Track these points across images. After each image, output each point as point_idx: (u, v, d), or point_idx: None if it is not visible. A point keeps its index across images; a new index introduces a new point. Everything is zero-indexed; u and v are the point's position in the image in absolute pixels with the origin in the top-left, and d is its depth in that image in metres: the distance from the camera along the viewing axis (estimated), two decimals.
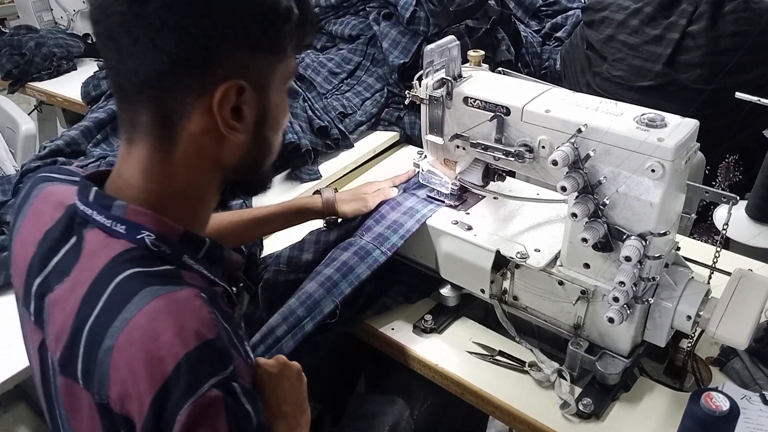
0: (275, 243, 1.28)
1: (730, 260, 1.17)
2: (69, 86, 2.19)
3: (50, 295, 0.69)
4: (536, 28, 2.23)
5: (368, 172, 1.70)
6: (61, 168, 0.83)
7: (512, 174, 1.18)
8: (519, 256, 1.01)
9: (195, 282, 0.67)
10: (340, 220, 1.20)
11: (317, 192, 1.21)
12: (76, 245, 0.70)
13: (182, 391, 0.57)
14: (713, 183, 1.71)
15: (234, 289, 0.79)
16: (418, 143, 1.79)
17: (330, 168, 1.66)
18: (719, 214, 1.28)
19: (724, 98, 1.24)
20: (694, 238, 1.50)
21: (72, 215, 0.72)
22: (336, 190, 1.21)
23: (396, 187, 1.25)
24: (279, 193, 1.54)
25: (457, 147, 1.07)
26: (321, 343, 1.10)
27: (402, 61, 1.77)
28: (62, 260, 0.70)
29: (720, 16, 1.55)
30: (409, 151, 1.77)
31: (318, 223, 1.23)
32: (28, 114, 2.02)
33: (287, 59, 0.72)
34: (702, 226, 1.70)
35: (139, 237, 0.67)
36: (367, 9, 1.94)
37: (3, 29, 2.61)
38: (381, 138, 1.80)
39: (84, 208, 0.70)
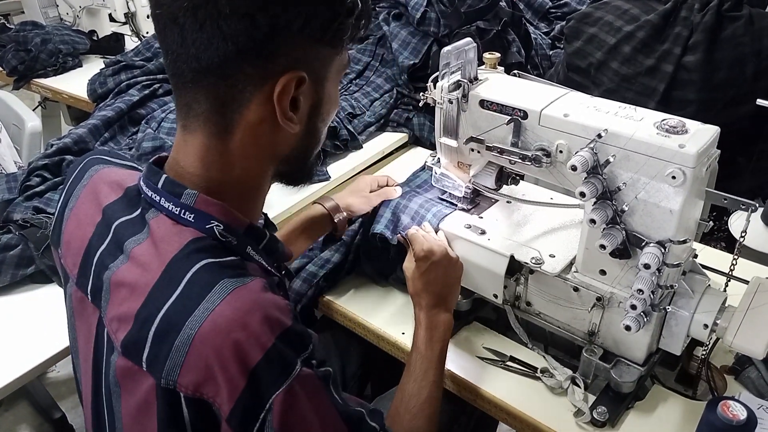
0: None
1: (745, 268, 1.16)
2: (74, 83, 2.18)
3: (109, 274, 0.70)
4: (545, 30, 2.22)
5: (377, 173, 1.68)
6: (111, 151, 0.86)
7: (522, 177, 1.17)
8: (534, 261, 1.00)
9: (256, 272, 0.69)
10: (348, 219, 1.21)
11: (314, 202, 1.20)
12: (139, 219, 0.71)
13: (276, 375, 0.61)
14: None
15: (286, 278, 0.84)
16: (427, 145, 1.78)
17: (339, 169, 1.65)
18: (735, 221, 1.27)
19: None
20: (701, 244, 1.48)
21: (132, 196, 0.74)
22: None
23: (400, 186, 1.23)
24: (287, 194, 1.51)
25: (472, 150, 1.06)
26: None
27: (412, 62, 1.76)
28: (121, 227, 0.72)
29: (717, 42, 1.46)
30: (418, 153, 1.76)
31: None
32: (32, 110, 2.00)
33: (343, 51, 0.73)
34: (709, 233, 1.68)
35: (208, 227, 0.68)
36: (377, 9, 1.93)
37: (8, 25, 2.60)
38: (390, 139, 1.79)
39: (152, 194, 0.71)
